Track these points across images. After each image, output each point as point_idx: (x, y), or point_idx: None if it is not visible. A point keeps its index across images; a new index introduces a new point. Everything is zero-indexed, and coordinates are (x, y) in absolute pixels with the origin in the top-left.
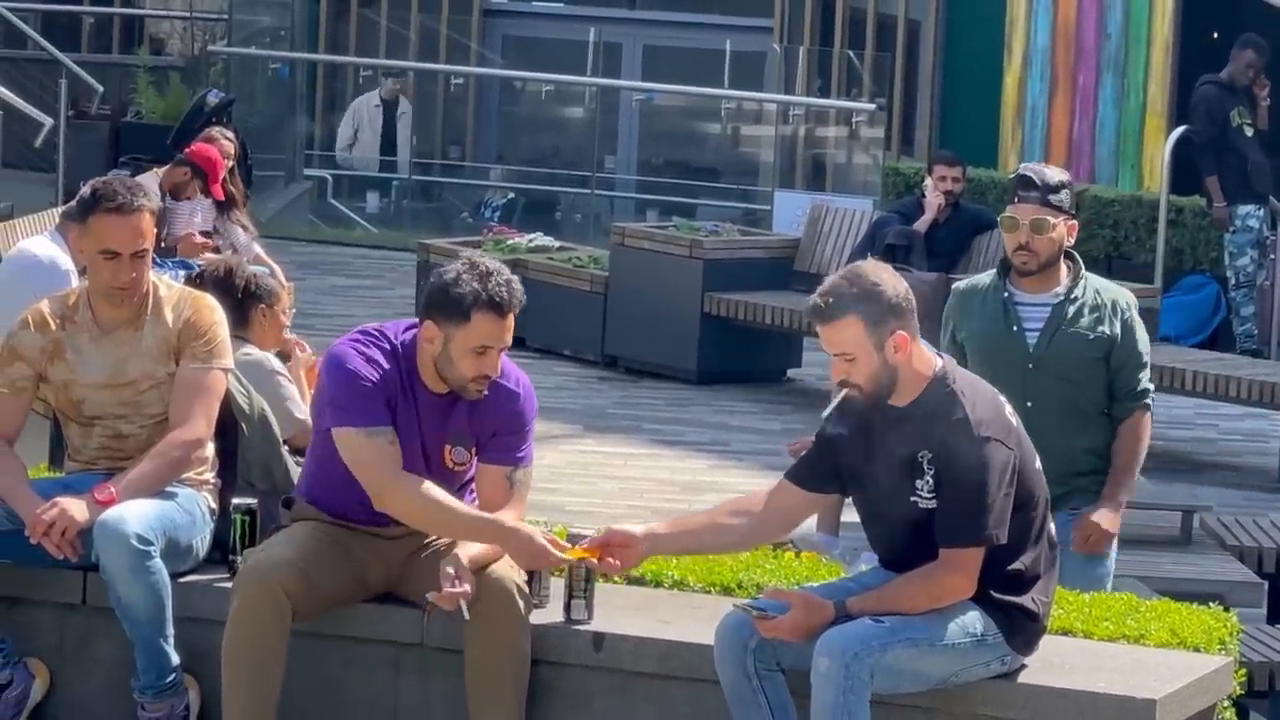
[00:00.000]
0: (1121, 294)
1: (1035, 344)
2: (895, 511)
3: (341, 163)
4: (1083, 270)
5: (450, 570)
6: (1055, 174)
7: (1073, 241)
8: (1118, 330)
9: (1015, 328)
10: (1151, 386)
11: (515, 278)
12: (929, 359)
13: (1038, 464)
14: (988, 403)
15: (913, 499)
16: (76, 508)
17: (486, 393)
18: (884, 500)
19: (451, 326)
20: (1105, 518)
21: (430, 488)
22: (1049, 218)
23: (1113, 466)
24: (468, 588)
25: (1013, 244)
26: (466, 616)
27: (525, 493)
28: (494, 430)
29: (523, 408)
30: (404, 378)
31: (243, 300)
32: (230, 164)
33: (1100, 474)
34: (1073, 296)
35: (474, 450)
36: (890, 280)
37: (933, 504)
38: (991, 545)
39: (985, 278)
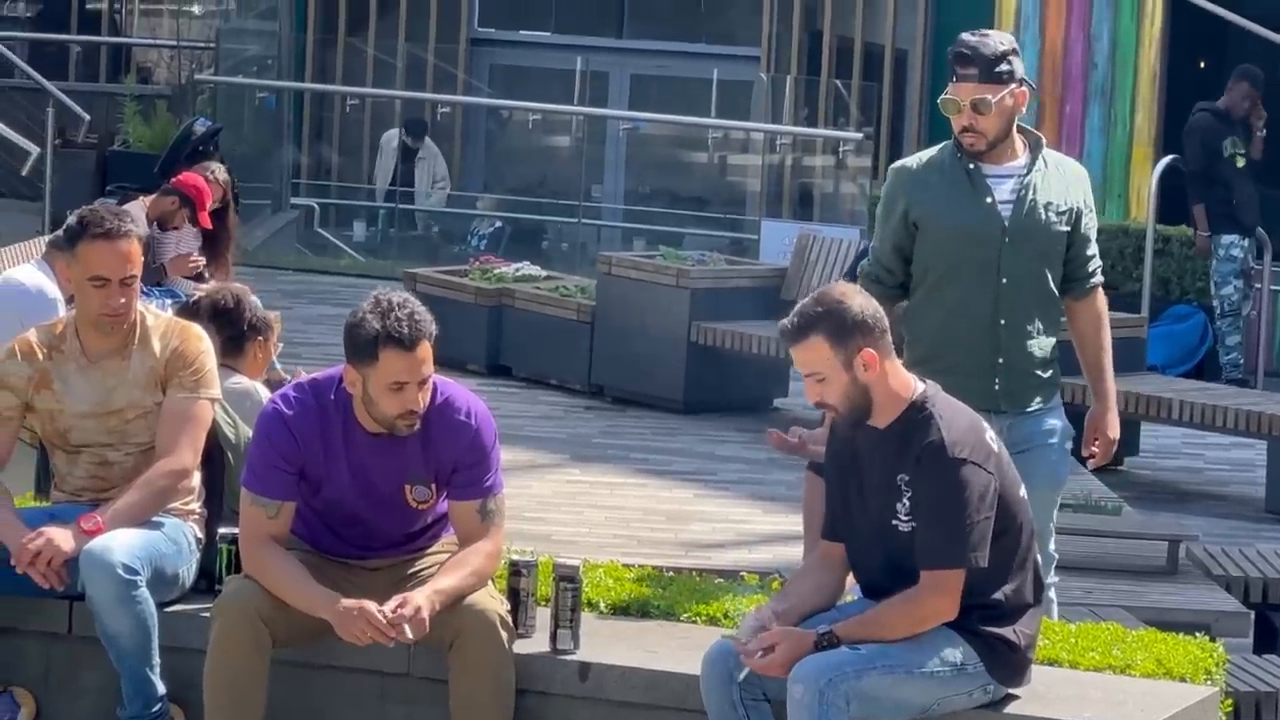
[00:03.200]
0: (1074, 164)
1: (1010, 216)
2: (877, 536)
3: (384, 198)
4: (1043, 140)
5: (410, 600)
6: (996, 42)
7: (1024, 111)
8: (1080, 202)
9: (989, 199)
10: (1101, 264)
11: (421, 308)
12: (908, 381)
13: (1022, 491)
14: (966, 426)
15: (894, 522)
16: (63, 537)
17: (418, 427)
18: (867, 525)
19: (364, 368)
20: (1111, 425)
21: (281, 564)
22: (990, 96)
23: (1088, 363)
24: (407, 611)
25: (957, 126)
26: (410, 636)
27: (500, 521)
28: (453, 465)
29: (478, 439)
30: (342, 426)
31: (245, 332)
32: (226, 200)
33: (1054, 364)
34: (1037, 166)
35: (434, 487)
36: (858, 299)
37: (910, 527)
38: (971, 568)
39: (933, 152)
